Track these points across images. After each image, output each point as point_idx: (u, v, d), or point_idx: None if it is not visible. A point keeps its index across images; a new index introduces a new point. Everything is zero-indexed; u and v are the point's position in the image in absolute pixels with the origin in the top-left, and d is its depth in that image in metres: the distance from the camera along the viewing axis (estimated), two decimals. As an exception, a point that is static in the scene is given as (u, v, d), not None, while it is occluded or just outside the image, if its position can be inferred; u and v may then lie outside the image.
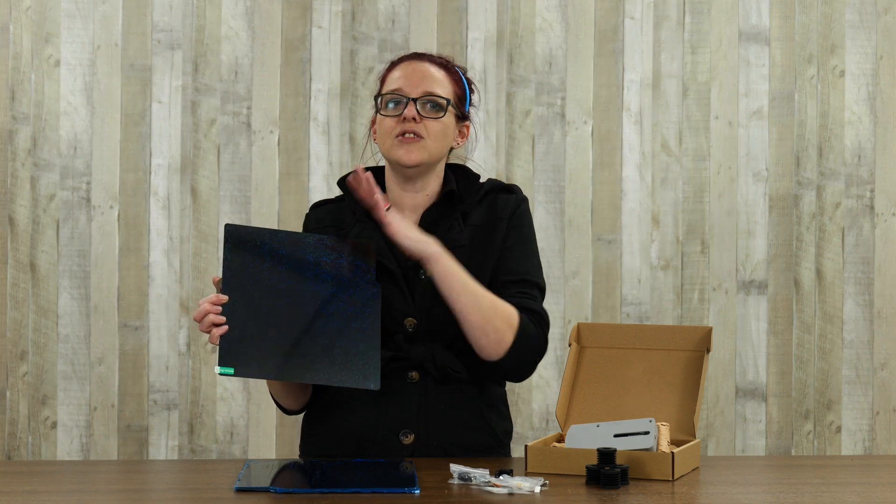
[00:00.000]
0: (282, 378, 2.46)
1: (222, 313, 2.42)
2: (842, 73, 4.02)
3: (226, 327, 2.41)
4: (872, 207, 4.02)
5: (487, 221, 2.63)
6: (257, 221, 3.97)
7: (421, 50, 2.75)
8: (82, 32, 3.96)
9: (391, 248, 2.58)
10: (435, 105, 2.59)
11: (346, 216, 2.65)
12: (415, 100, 2.58)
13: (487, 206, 2.65)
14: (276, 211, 3.97)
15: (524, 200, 2.67)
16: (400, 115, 2.57)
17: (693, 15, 4.02)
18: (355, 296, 2.48)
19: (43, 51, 3.95)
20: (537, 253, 2.66)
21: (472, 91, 2.71)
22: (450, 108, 2.60)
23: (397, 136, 2.58)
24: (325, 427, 2.61)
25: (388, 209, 2.51)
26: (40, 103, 3.95)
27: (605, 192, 4.01)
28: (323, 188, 3.96)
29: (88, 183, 3.96)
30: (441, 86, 2.61)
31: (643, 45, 4.01)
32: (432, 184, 2.64)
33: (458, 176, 2.68)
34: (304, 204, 3.96)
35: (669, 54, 4.01)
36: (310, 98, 3.98)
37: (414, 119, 2.57)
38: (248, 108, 3.98)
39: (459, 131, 2.66)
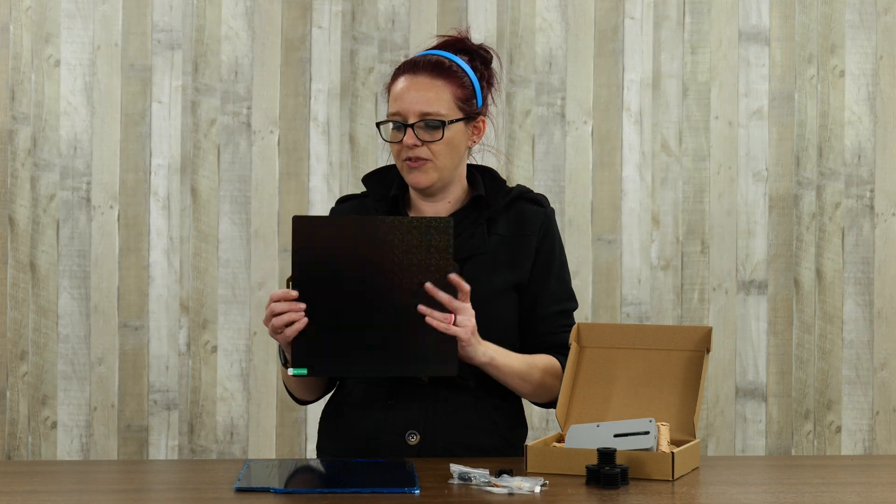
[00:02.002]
0: (357, 375, 2.42)
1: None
2: (842, 73, 4.02)
3: (301, 325, 2.38)
4: (872, 207, 4.02)
5: (514, 234, 2.62)
6: (257, 221, 3.97)
7: (437, 39, 2.69)
8: (82, 32, 3.96)
9: None
10: (433, 126, 2.56)
11: (370, 213, 2.65)
12: (412, 125, 2.55)
13: (515, 216, 2.64)
14: (276, 211, 3.97)
15: (552, 214, 2.67)
16: (401, 141, 2.56)
17: (693, 15, 4.02)
18: (431, 279, 2.41)
19: (43, 51, 3.95)
20: (568, 268, 2.69)
21: (488, 76, 2.66)
22: (450, 124, 2.57)
23: (405, 161, 2.57)
24: (339, 426, 2.63)
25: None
26: (40, 103, 3.95)
27: (605, 192, 4.01)
28: (323, 188, 3.97)
29: (88, 183, 3.96)
30: (439, 101, 2.56)
31: (643, 45, 4.01)
32: (454, 191, 2.64)
33: (486, 179, 2.66)
34: (303, 204, 3.96)
35: (669, 54, 4.01)
36: (310, 98, 3.98)
37: (416, 145, 2.56)
38: (248, 108, 3.98)
39: (475, 127, 2.63)
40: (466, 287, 2.42)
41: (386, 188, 2.65)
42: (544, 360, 2.61)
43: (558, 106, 4.01)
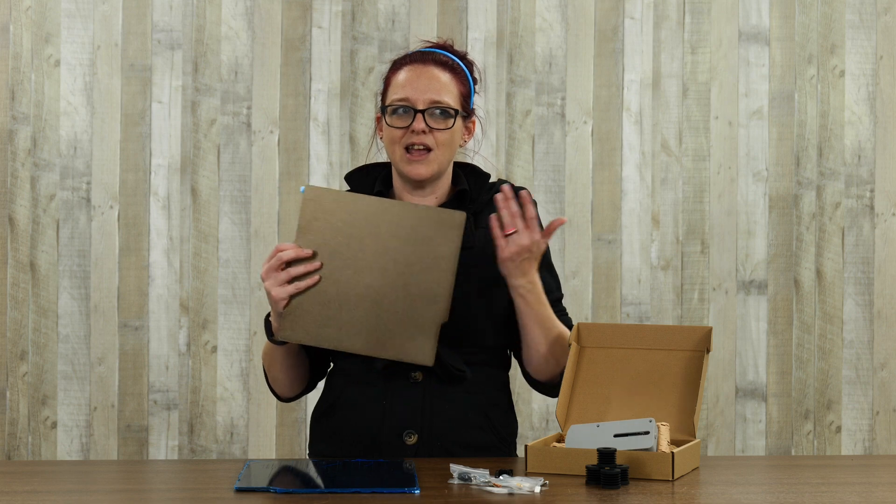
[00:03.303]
0: (337, 348, 2.44)
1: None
2: (842, 73, 4.02)
3: (312, 280, 2.41)
4: (872, 207, 4.02)
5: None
6: (257, 221, 3.97)
7: (423, 44, 2.71)
8: (82, 32, 3.96)
9: None
10: (443, 114, 2.57)
11: None
12: (422, 111, 2.56)
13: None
14: (276, 211, 3.97)
15: (535, 205, 2.68)
16: (408, 126, 2.56)
17: (693, 15, 4.02)
18: (427, 270, 2.42)
19: (43, 51, 3.95)
20: (550, 257, 2.70)
21: (475, 81, 2.68)
22: (457, 116, 2.59)
23: (405, 149, 2.57)
24: (333, 428, 2.62)
25: (509, 234, 2.48)
26: (40, 103, 3.95)
27: (605, 192, 4.01)
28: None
29: (88, 183, 3.96)
30: (448, 92, 2.58)
31: (643, 45, 4.01)
32: (441, 186, 2.64)
33: (468, 175, 2.67)
34: (304, 204, 3.96)
35: (669, 54, 4.01)
36: (310, 98, 3.98)
37: (423, 132, 2.56)
38: (248, 108, 3.98)
39: (466, 128, 2.65)
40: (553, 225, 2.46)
41: (369, 185, 2.66)
42: (563, 329, 2.61)
43: (558, 106, 4.01)
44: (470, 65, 2.69)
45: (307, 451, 2.70)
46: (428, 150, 2.57)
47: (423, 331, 2.43)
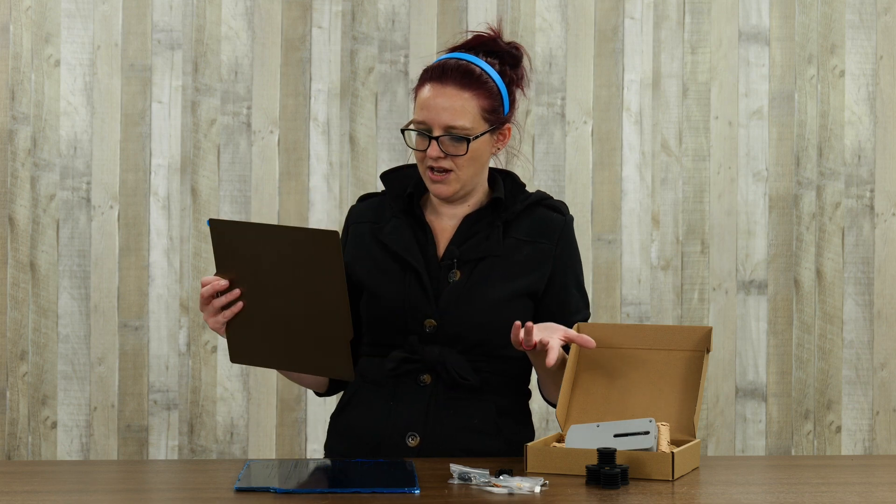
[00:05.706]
0: (279, 367, 2.48)
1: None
2: (842, 73, 4.02)
3: (237, 307, 2.41)
4: (872, 207, 4.02)
5: (531, 239, 2.62)
6: (257, 220, 3.97)
7: (464, 36, 2.68)
8: (82, 32, 3.96)
9: (419, 245, 2.58)
10: (457, 140, 2.54)
11: (385, 210, 2.65)
12: (437, 137, 2.54)
13: (533, 221, 2.64)
14: (276, 211, 3.97)
15: (571, 221, 2.68)
16: (425, 150, 2.55)
17: (693, 15, 4.02)
18: (320, 290, 2.37)
19: (43, 51, 3.95)
20: (583, 275, 2.70)
21: (512, 82, 2.63)
22: (475, 139, 2.55)
23: (427, 170, 2.57)
24: (344, 426, 2.64)
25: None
26: (40, 103, 3.95)
27: (605, 192, 4.01)
28: (323, 188, 3.97)
29: (88, 183, 3.96)
30: (464, 115, 2.54)
31: (643, 45, 4.01)
32: (475, 196, 2.64)
33: (506, 182, 2.66)
34: (303, 204, 3.96)
35: (669, 54, 4.01)
36: (310, 98, 3.98)
37: (440, 157, 2.55)
38: (248, 108, 3.98)
39: (500, 134, 2.62)
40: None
41: (403, 186, 2.65)
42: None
43: (558, 106, 4.01)
44: (513, 59, 2.63)
45: (324, 448, 2.71)
46: (447, 171, 2.56)
47: (334, 349, 2.38)
